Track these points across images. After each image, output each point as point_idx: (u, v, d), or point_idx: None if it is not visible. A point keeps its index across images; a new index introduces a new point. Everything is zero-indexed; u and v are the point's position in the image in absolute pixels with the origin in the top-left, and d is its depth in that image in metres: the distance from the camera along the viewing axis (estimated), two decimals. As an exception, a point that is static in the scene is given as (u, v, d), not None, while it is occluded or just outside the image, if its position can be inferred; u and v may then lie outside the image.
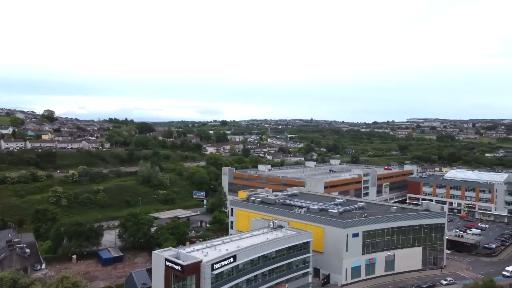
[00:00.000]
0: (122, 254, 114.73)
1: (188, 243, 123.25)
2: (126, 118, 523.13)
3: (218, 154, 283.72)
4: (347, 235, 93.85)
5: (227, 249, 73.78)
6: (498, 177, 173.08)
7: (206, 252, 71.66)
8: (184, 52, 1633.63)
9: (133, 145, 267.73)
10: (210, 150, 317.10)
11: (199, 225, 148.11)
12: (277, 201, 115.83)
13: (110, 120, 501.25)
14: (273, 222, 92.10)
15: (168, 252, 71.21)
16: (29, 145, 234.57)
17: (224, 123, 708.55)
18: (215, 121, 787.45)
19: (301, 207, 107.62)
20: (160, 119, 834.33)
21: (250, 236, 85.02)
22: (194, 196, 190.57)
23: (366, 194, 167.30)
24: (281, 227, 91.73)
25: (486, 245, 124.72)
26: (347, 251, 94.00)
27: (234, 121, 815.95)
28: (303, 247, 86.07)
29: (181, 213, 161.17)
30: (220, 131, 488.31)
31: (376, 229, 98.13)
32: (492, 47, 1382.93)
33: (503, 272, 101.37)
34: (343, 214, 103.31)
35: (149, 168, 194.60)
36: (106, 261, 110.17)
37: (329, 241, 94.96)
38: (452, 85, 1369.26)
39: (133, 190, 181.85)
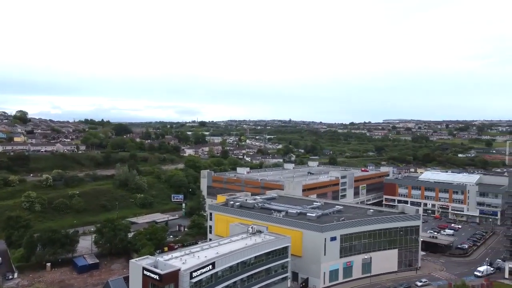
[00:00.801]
0: (98, 261, 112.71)
1: (166, 248, 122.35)
2: (102, 119, 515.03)
3: (197, 157, 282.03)
4: (325, 239, 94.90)
5: (206, 256, 73.51)
6: (470, 179, 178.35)
7: (184, 260, 71.21)
8: (162, 51, 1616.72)
9: (110, 148, 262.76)
10: (189, 152, 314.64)
11: (177, 229, 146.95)
12: (255, 205, 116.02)
13: (86, 121, 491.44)
14: (252, 227, 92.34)
15: (146, 261, 70.38)
16: (0, 148, 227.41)
17: (202, 123, 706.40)
18: (194, 121, 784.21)
19: (279, 211, 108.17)
20: (138, 120, 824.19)
21: (229, 242, 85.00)
22: (173, 200, 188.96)
23: (344, 196, 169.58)
24: (260, 232, 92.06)
25: (459, 246, 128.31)
26: (325, 254, 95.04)
27: (212, 121, 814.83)
28: (282, 252, 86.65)
29: (159, 217, 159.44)
30: (198, 133, 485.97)
31: (353, 233, 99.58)
32: (464, 50, 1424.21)
33: (475, 272, 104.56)
34: (321, 217, 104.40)
35: (126, 171, 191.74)
36: (81, 268, 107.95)
37: (308, 245, 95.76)
38: (427, 87, 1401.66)
39: (109, 194, 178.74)
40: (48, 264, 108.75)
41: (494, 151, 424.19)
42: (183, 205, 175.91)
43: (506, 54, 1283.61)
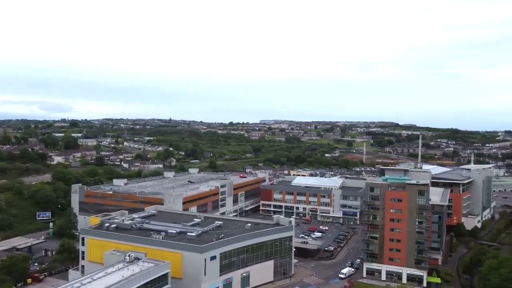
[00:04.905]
0: None
1: (30, 280, 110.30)
2: None
3: (67, 165, 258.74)
4: (205, 259, 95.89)
5: (77, 298, 68.36)
6: (334, 183, 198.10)
7: (52, 305, 65.12)
8: (21, 32, 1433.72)
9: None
10: (58, 159, 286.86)
11: (44, 254, 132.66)
12: (133, 226, 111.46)
13: None
14: (129, 255, 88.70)
15: (4, 313, 62.47)
16: None
17: (74, 123, 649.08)
18: (64, 120, 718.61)
19: (159, 232, 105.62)
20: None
21: (104, 276, 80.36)
22: (38, 218, 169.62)
23: (224, 205, 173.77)
24: (138, 259, 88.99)
25: (326, 248, 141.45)
26: (205, 274, 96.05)
27: (86, 120, 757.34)
28: (162, 279, 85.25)
29: (20, 242, 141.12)
30: (69, 135, 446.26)
31: (232, 249, 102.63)
32: (335, 56, 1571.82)
33: (339, 275, 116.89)
34: (201, 236, 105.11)
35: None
36: None
37: (188, 266, 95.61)
38: (297, 88, 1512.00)
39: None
40: None
41: (354, 151, 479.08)
42: (51, 224, 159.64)
43: (364, 60, 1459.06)
